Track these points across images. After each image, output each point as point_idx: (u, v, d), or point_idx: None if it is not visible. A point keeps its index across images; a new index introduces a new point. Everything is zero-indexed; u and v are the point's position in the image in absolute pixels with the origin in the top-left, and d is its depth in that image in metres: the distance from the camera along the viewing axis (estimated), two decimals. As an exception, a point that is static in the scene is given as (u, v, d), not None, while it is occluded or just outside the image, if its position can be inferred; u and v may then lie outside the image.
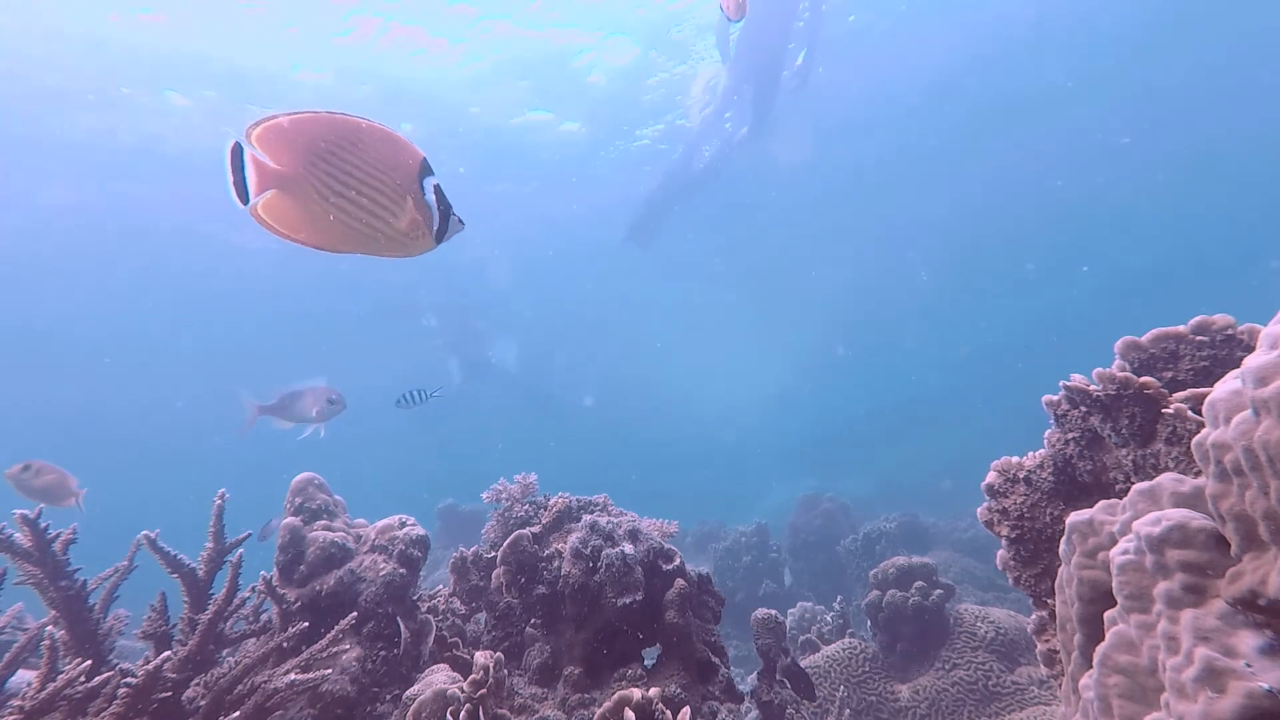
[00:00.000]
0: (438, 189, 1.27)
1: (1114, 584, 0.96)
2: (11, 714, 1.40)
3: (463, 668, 2.07)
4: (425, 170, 1.26)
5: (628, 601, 2.05)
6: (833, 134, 13.16)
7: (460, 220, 1.32)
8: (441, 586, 2.59)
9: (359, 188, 1.22)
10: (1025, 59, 12.01)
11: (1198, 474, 1.05)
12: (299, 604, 2.09)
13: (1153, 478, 1.11)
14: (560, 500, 2.47)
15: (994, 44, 11.51)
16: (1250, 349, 1.37)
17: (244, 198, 1.16)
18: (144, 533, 1.95)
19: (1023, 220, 19.09)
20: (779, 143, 12.15)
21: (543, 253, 17.65)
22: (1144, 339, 1.57)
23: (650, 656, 2.17)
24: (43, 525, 1.81)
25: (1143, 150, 15.72)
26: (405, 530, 2.30)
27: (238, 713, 1.54)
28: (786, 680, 2.32)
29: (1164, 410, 1.34)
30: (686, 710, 1.51)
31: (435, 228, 1.29)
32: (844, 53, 11.01)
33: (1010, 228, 19.44)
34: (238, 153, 1.15)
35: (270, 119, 1.16)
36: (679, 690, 1.95)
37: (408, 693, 1.71)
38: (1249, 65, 12.66)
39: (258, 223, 1.19)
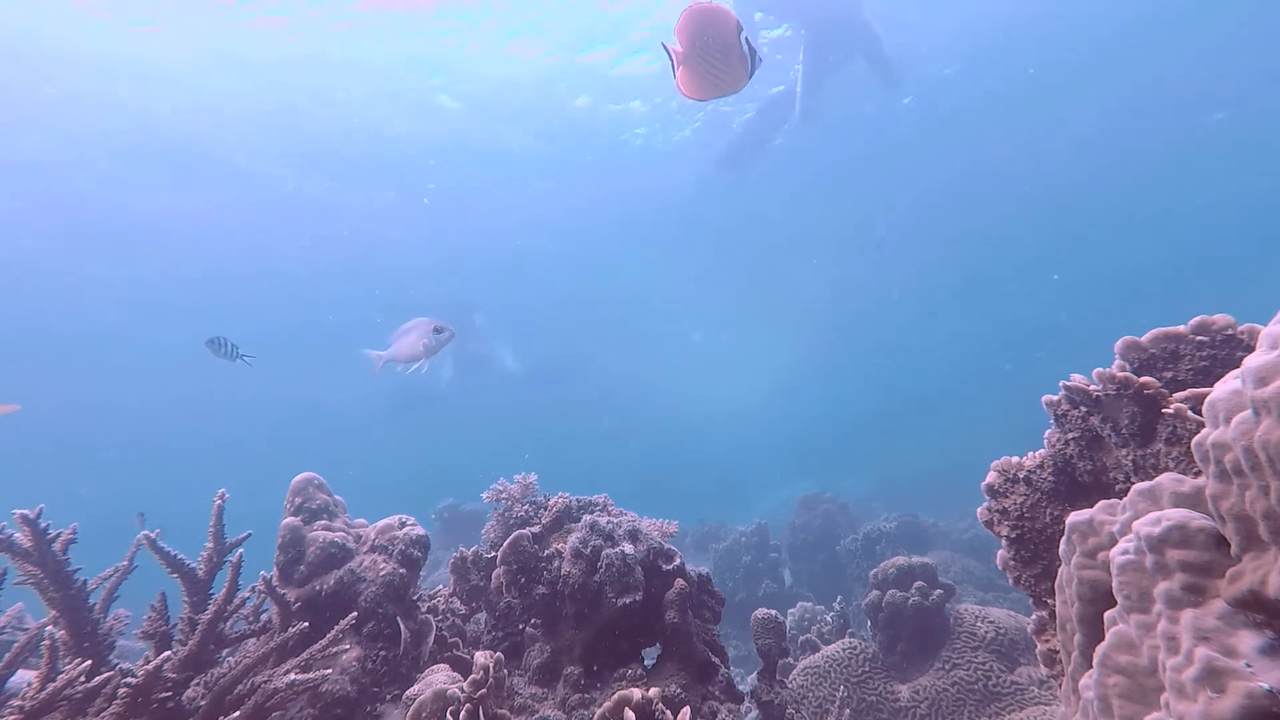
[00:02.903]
0: (747, 39, 1.79)
1: (1114, 584, 0.96)
2: (11, 714, 1.40)
3: (463, 668, 2.07)
4: (739, 27, 1.77)
5: (628, 601, 2.05)
6: (827, 128, 13.12)
7: (760, 57, 1.83)
8: (441, 586, 2.59)
9: (716, 53, 1.77)
10: (1035, 50, 11.98)
11: (1198, 474, 1.05)
12: (299, 604, 2.09)
13: (1153, 478, 1.11)
14: (560, 500, 2.47)
15: (1017, 24, 11.46)
16: (1250, 349, 1.37)
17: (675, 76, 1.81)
18: (144, 533, 1.94)
19: (1023, 218, 19.09)
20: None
21: (541, 250, 17.65)
22: (1144, 339, 1.57)
23: (650, 656, 2.17)
24: (43, 525, 1.81)
25: (1144, 148, 15.71)
26: (405, 530, 2.30)
27: (238, 713, 1.54)
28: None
29: (1164, 410, 1.34)
30: (686, 710, 1.51)
31: (750, 67, 1.80)
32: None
33: (1010, 226, 19.44)
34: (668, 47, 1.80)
35: (678, 19, 1.75)
36: (679, 690, 1.95)
37: (408, 693, 1.71)
38: (1249, 61, 12.66)
39: (678, 90, 1.84)
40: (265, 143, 11.62)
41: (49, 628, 1.64)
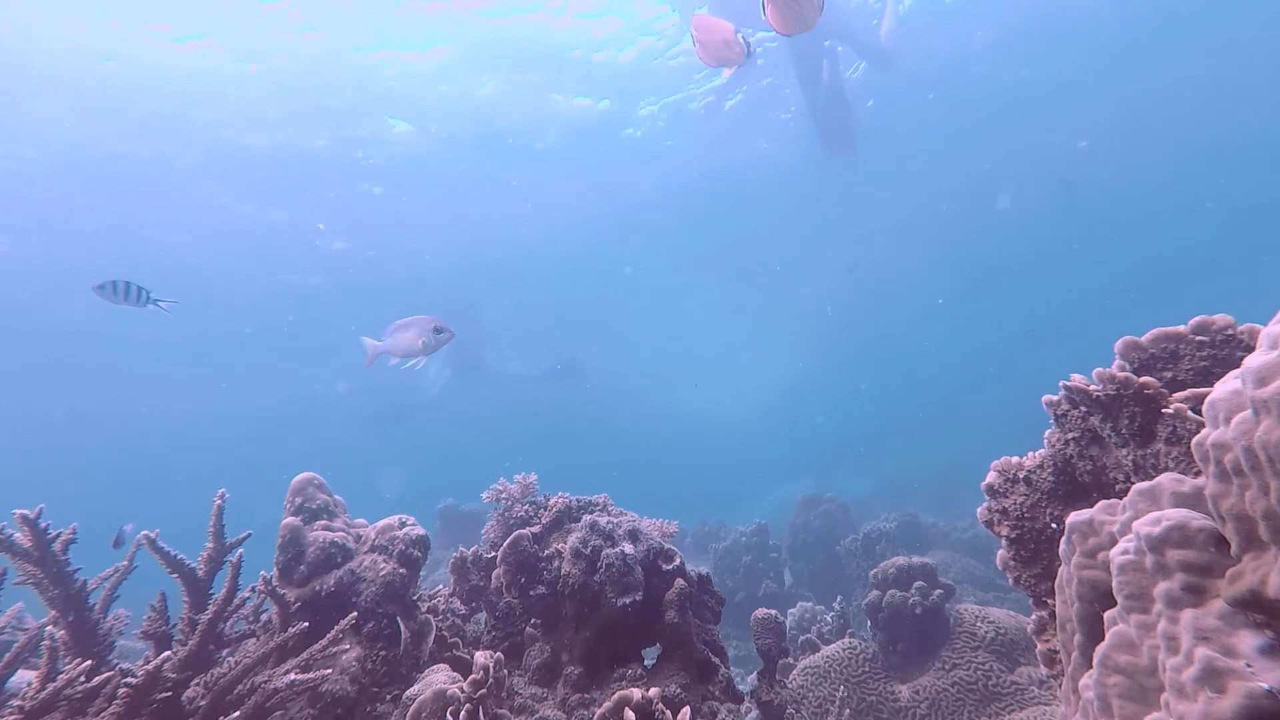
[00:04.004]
0: None
1: (1114, 584, 0.96)
2: (12, 714, 1.40)
3: (463, 668, 2.07)
4: None
5: (628, 601, 2.05)
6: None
7: None
8: (441, 586, 2.60)
9: None
10: (1042, 50, 11.98)
11: (1198, 474, 1.05)
12: (299, 604, 2.09)
13: (1153, 478, 1.11)
14: (560, 500, 2.47)
15: (1010, 34, 11.49)
16: (1250, 349, 1.37)
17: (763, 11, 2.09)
18: (144, 533, 1.95)
19: (1021, 217, 19.09)
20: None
21: (540, 251, 17.64)
22: (1144, 339, 1.57)
23: (650, 656, 2.17)
24: (43, 525, 1.81)
25: (1144, 148, 15.72)
26: (405, 530, 2.30)
27: (238, 713, 1.54)
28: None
29: (1164, 410, 1.34)
30: (686, 710, 1.51)
31: (820, 4, 2.08)
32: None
33: (1010, 225, 19.44)
34: None
35: None
36: (679, 690, 1.95)
37: (408, 693, 1.71)
38: (1248, 61, 12.67)
39: (769, 23, 2.11)
40: (262, 141, 11.63)
41: (49, 628, 1.64)
